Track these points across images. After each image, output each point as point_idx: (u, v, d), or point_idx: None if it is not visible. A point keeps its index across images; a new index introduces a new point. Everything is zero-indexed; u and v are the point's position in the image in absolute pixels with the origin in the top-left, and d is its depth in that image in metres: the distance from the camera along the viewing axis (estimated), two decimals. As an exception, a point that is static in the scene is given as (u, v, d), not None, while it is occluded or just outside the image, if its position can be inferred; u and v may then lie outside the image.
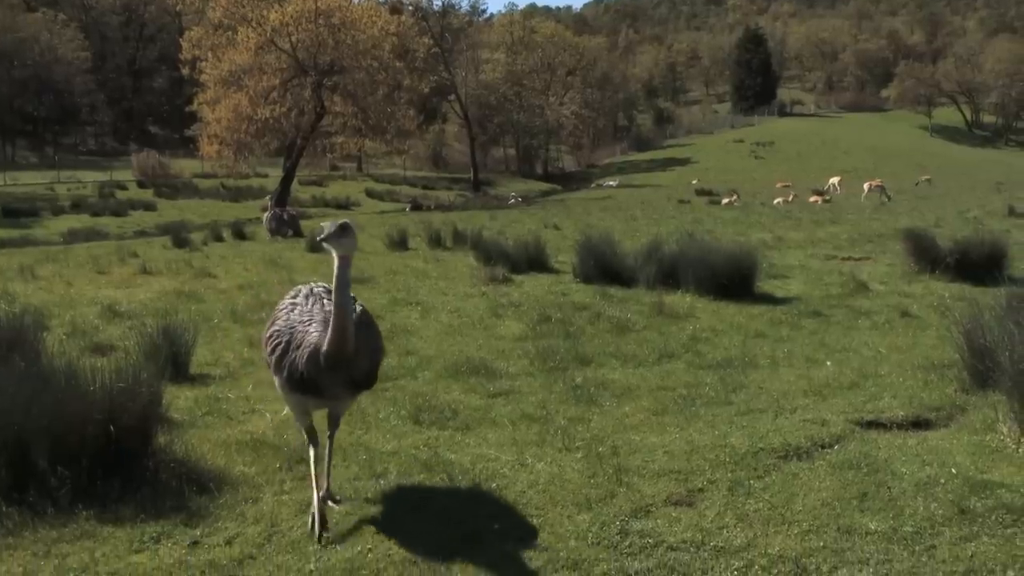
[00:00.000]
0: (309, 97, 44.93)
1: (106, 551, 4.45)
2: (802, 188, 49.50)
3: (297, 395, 4.72)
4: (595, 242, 13.58)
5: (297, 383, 4.60)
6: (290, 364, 4.60)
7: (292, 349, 4.62)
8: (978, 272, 12.30)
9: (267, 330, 4.90)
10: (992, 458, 5.37)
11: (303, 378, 4.55)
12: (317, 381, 4.53)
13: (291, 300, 4.97)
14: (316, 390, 4.61)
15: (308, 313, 4.78)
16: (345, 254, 4.57)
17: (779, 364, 8.14)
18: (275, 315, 4.94)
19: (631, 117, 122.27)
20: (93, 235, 31.22)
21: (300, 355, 4.55)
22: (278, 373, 4.72)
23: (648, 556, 4.30)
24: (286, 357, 4.63)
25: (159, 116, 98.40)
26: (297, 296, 4.99)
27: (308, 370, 4.52)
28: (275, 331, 4.78)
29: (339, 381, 4.58)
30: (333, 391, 4.67)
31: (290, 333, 4.69)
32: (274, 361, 4.73)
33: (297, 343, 4.61)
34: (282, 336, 4.72)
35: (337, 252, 4.54)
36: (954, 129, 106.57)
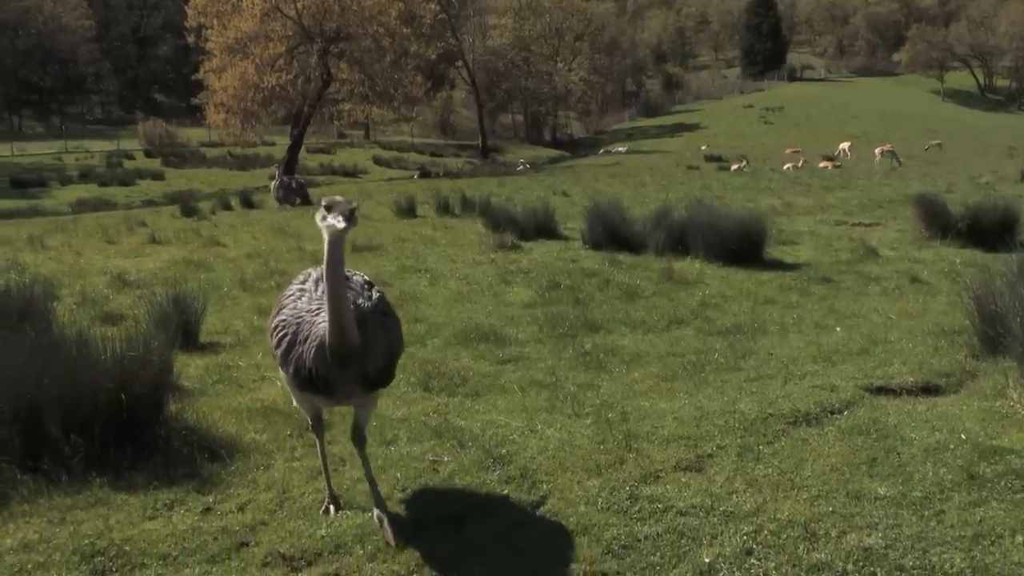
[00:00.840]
0: (315, 64, 44.68)
1: (120, 518, 4.48)
2: (812, 153, 49.20)
3: (307, 393, 4.30)
4: (604, 208, 13.55)
5: (305, 380, 4.14)
6: (297, 359, 4.14)
7: (299, 342, 4.15)
8: (989, 238, 12.26)
9: (272, 318, 4.44)
10: (1002, 424, 5.37)
11: (312, 375, 4.09)
12: (327, 378, 4.07)
13: (299, 286, 4.47)
14: (326, 388, 4.14)
15: (318, 300, 4.26)
16: (335, 237, 4.00)
17: (788, 330, 8.13)
18: (281, 302, 4.45)
19: (640, 83, 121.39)
20: (101, 205, 31.28)
21: (307, 349, 4.09)
22: (284, 367, 4.26)
23: (657, 521, 4.32)
24: (292, 351, 4.18)
25: (165, 84, 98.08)
26: (307, 281, 4.49)
27: (317, 366, 4.05)
28: (281, 321, 4.31)
29: (350, 378, 4.10)
30: (345, 389, 4.18)
31: (297, 324, 4.21)
32: (280, 355, 4.27)
33: (304, 335, 4.14)
34: (288, 327, 4.25)
35: (327, 232, 3.99)
36: (966, 93, 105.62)
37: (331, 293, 3.94)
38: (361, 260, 12.62)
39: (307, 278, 4.51)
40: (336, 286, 3.94)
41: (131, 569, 4.03)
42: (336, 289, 3.94)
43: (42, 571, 4.00)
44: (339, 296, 3.94)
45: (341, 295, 3.95)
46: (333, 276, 3.96)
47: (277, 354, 4.29)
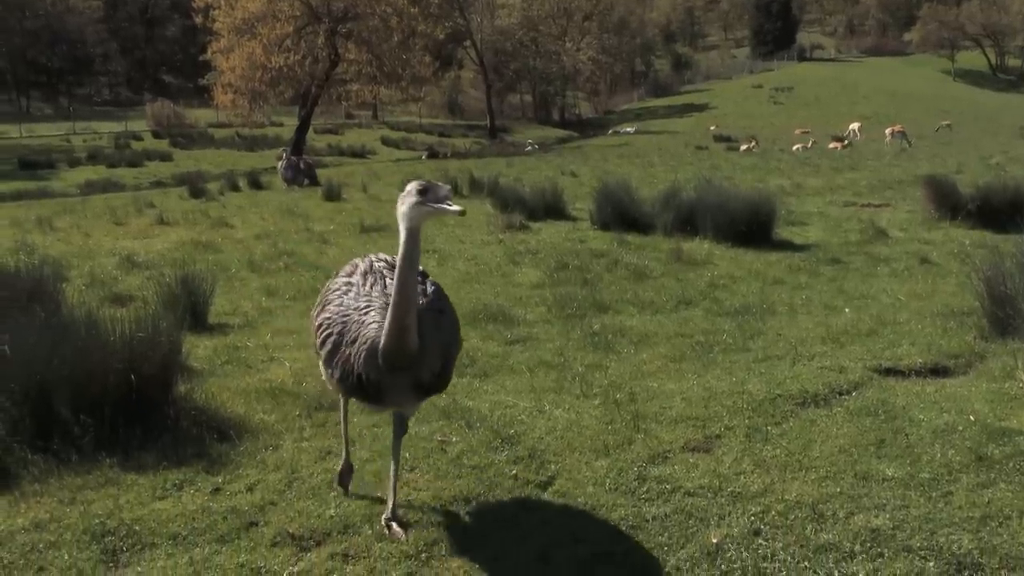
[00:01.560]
0: (323, 44, 44.58)
1: (130, 498, 4.51)
2: (821, 134, 49.04)
3: (354, 400, 4.07)
4: (612, 189, 13.53)
5: (353, 387, 3.82)
6: (343, 362, 3.81)
7: (346, 343, 3.79)
8: (1000, 219, 12.19)
9: (316, 314, 4.13)
10: (1010, 405, 5.36)
11: (361, 381, 3.75)
12: (378, 385, 3.73)
13: (346, 279, 4.11)
14: (376, 396, 3.82)
15: (366, 297, 3.90)
16: (415, 226, 3.65)
17: (797, 311, 8.12)
18: (326, 296, 4.13)
19: (648, 63, 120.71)
20: (110, 186, 31.32)
21: (356, 353, 3.74)
22: (328, 369, 3.96)
23: (665, 502, 4.33)
24: (338, 353, 3.84)
25: (172, 65, 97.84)
26: (353, 273, 4.13)
27: (367, 372, 3.71)
28: (326, 319, 3.98)
29: (403, 386, 3.76)
30: (395, 398, 3.86)
31: (343, 323, 3.86)
32: (324, 355, 3.95)
33: (352, 337, 3.78)
34: (333, 325, 3.91)
35: (407, 224, 3.64)
36: (978, 73, 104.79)
37: (401, 291, 3.57)
38: (369, 241, 12.62)
39: (354, 270, 4.16)
40: (408, 285, 3.57)
41: (141, 549, 4.05)
42: (407, 288, 3.57)
43: (53, 551, 4.02)
44: (409, 296, 3.58)
45: (411, 295, 3.60)
46: (409, 272, 3.58)
47: (321, 354, 4.00)
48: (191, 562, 3.91)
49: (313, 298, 8.90)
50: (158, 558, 3.96)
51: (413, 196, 3.60)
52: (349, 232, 13.58)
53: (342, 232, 13.63)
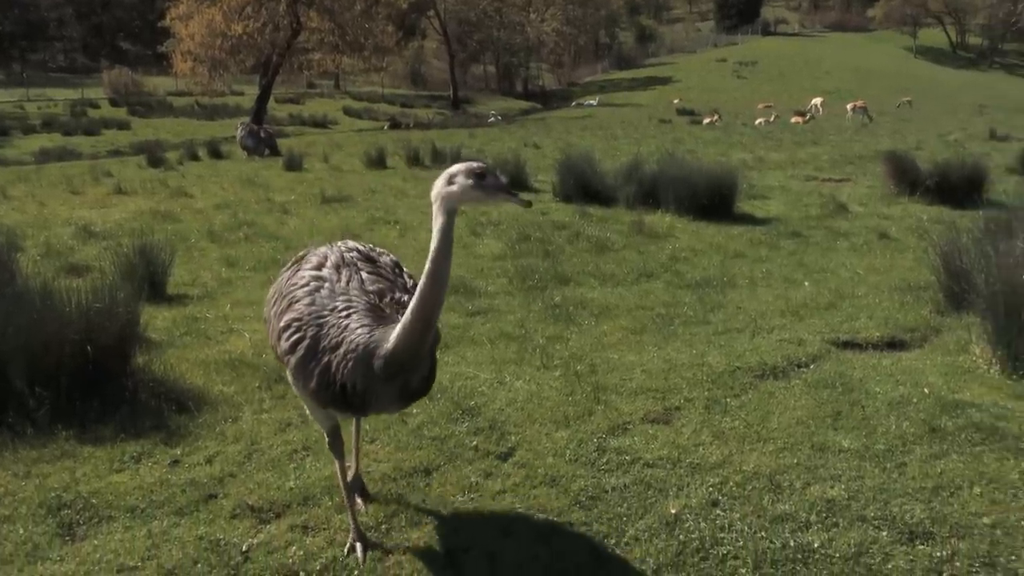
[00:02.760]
0: (284, 12, 43.95)
1: (87, 471, 4.46)
2: (784, 108, 49.29)
3: (331, 410, 3.57)
4: (575, 161, 13.52)
5: (333, 398, 3.37)
6: (322, 372, 3.35)
7: (326, 351, 3.34)
8: (957, 195, 12.39)
9: (278, 311, 3.60)
10: (964, 378, 5.45)
11: (345, 392, 3.32)
12: (365, 395, 3.31)
13: (313, 272, 3.60)
14: (360, 406, 3.39)
15: (344, 296, 3.46)
16: (454, 209, 3.21)
17: (757, 284, 8.18)
18: (291, 291, 3.59)
19: (613, 35, 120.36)
20: (66, 154, 30.70)
21: (342, 362, 3.29)
22: (301, 378, 3.45)
23: (625, 472, 4.36)
24: (314, 361, 3.37)
25: (130, 32, 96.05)
26: (323, 266, 3.63)
27: (356, 382, 3.28)
28: (294, 320, 3.47)
29: (393, 393, 3.34)
30: (380, 406, 3.45)
31: (318, 325, 3.39)
32: (295, 362, 3.44)
33: (333, 343, 3.32)
34: (305, 327, 3.42)
35: (446, 204, 3.18)
36: (939, 51, 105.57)
37: (435, 287, 3.16)
38: (331, 211, 12.53)
39: (323, 262, 3.66)
40: (443, 279, 3.17)
41: (98, 522, 4.02)
42: (442, 282, 3.17)
43: (7, 524, 3.98)
44: (442, 292, 3.19)
45: (444, 290, 3.20)
46: (445, 263, 3.18)
47: (291, 360, 3.46)
48: (149, 535, 3.89)
49: (274, 269, 8.87)
50: (115, 531, 3.94)
51: (469, 178, 3.15)
52: (310, 202, 13.47)
53: (303, 202, 13.52)
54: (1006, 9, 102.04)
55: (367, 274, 3.59)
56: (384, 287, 3.57)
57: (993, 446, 4.49)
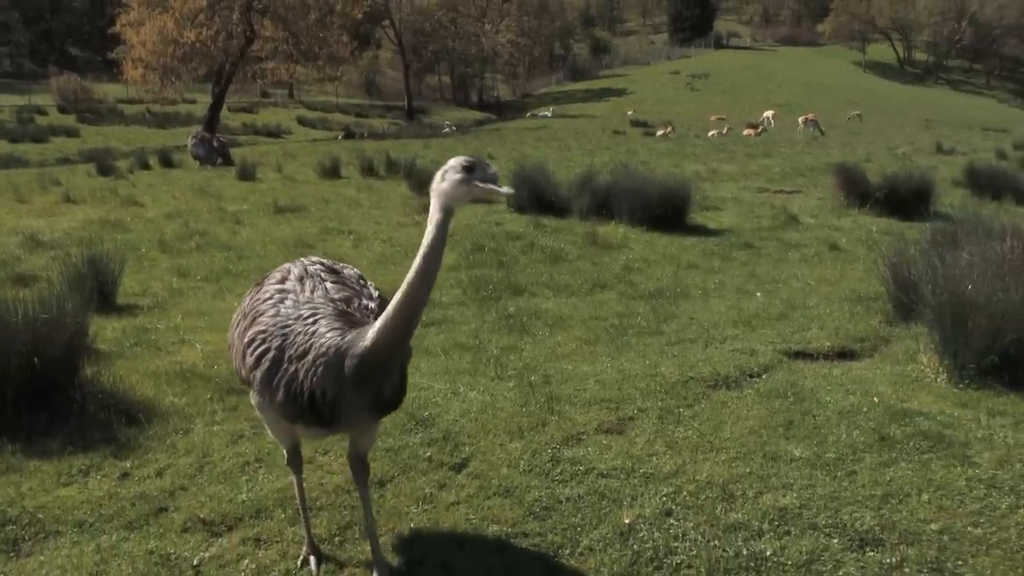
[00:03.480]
0: (238, 20, 43.60)
1: (33, 485, 4.38)
2: (737, 121, 49.86)
3: (298, 426, 3.38)
4: (529, 172, 13.56)
5: (302, 409, 3.21)
6: (288, 382, 3.22)
7: (292, 360, 3.22)
8: (905, 207, 12.63)
9: (242, 329, 3.48)
10: (912, 387, 5.54)
11: (314, 402, 3.18)
12: (335, 403, 3.17)
13: (277, 286, 3.51)
14: (331, 416, 3.22)
15: (308, 304, 3.36)
16: (450, 204, 3.18)
17: (710, 295, 8.25)
18: (254, 306, 3.48)
19: (567, 46, 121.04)
20: (12, 162, 30.14)
21: (311, 369, 3.16)
22: (266, 393, 3.31)
23: (579, 483, 4.37)
24: (279, 371, 3.24)
25: (80, 37, 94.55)
26: (286, 279, 3.55)
27: (326, 389, 3.15)
28: (259, 333, 3.35)
29: (364, 402, 3.22)
30: (353, 418, 3.27)
31: (282, 335, 3.28)
32: (260, 376, 3.30)
33: (300, 351, 3.21)
34: (270, 340, 3.30)
35: (441, 200, 3.18)
36: (886, 66, 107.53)
37: (424, 280, 3.09)
38: (284, 221, 12.44)
39: (286, 275, 3.58)
40: (432, 272, 3.12)
41: (44, 537, 3.94)
42: (431, 275, 3.12)
43: (-50, 538, 3.89)
44: (429, 286, 3.13)
45: (431, 284, 3.14)
46: (436, 258, 3.13)
47: (256, 376, 3.33)
48: (98, 550, 3.82)
49: (227, 279, 8.79)
50: (63, 547, 3.86)
51: (457, 173, 3.14)
52: (263, 212, 13.36)
53: (256, 212, 13.41)
54: (950, 27, 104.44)
55: (331, 284, 3.51)
56: (350, 294, 3.50)
57: (940, 454, 4.56)
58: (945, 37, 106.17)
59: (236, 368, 3.54)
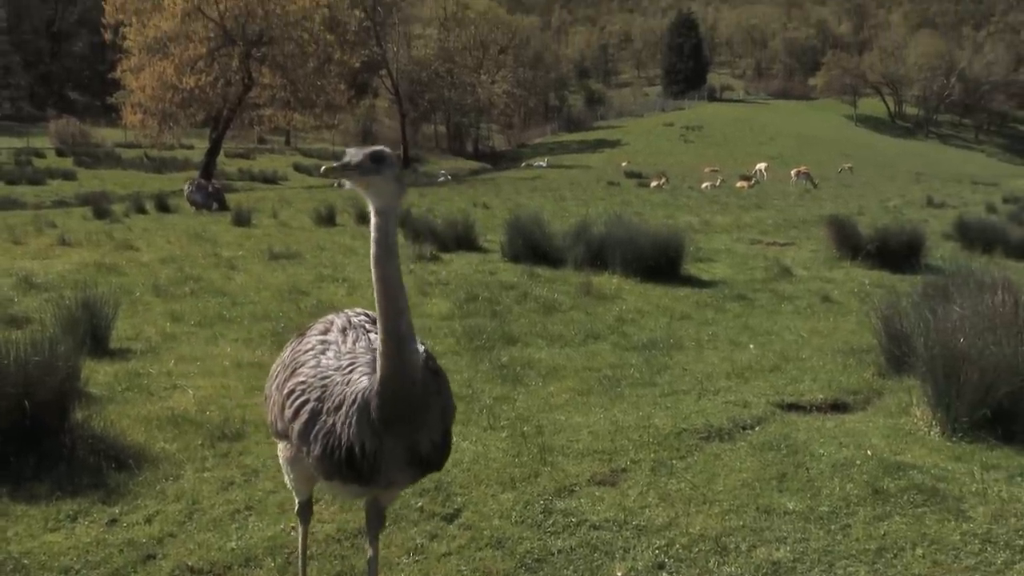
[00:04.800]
0: (237, 68, 43.99)
1: (19, 530, 4.34)
2: (730, 173, 50.23)
3: (335, 483, 3.16)
4: (524, 222, 13.62)
5: (340, 464, 3.00)
6: (326, 435, 3.01)
7: (328, 412, 3.03)
8: (897, 260, 12.70)
9: (281, 380, 3.32)
10: (906, 440, 5.53)
11: (351, 456, 2.96)
12: (375, 459, 2.96)
13: (319, 337, 3.35)
14: (370, 471, 2.99)
15: (350, 354, 3.18)
16: (386, 205, 2.89)
17: (703, 346, 8.26)
18: (295, 358, 3.32)
19: (562, 97, 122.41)
20: (8, 204, 30.18)
21: (345, 420, 2.97)
22: (304, 447, 3.12)
23: (571, 535, 4.34)
24: (317, 424, 3.05)
25: (79, 82, 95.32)
26: (329, 331, 3.38)
27: (364, 441, 2.94)
28: (298, 384, 3.18)
29: (399, 453, 2.99)
30: (390, 473, 3.04)
31: (322, 387, 3.10)
32: (298, 430, 3.12)
33: (336, 402, 3.02)
34: (309, 392, 3.12)
35: (373, 201, 2.89)
36: (878, 119, 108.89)
37: (383, 291, 2.89)
38: (279, 268, 12.45)
39: (329, 327, 3.41)
40: (389, 277, 2.89)
41: (30, 582, 3.90)
42: (389, 282, 2.89)
43: (-66, 584, 3.84)
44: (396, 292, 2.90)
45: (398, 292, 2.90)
46: (386, 260, 2.89)
47: (293, 428, 3.15)
48: (83, 597, 3.77)
49: (220, 325, 8.77)
50: (48, 593, 3.82)
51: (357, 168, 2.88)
52: (258, 258, 13.38)
53: (251, 258, 13.43)
54: (939, 82, 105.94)
55: (375, 335, 3.09)
56: None
57: (934, 507, 4.55)
58: (935, 92, 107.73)
59: (271, 421, 3.39)
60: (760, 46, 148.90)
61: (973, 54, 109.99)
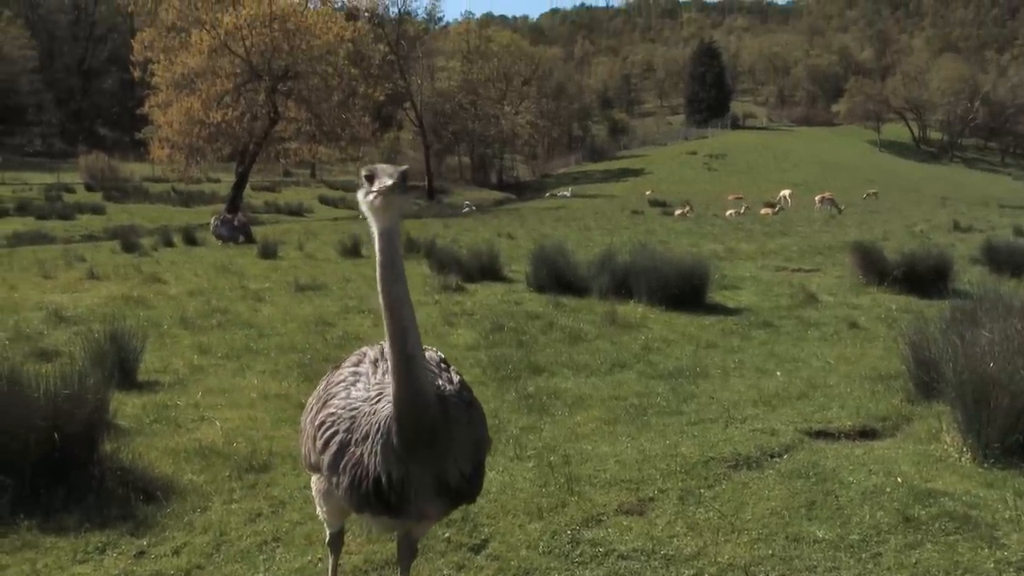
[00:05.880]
0: (263, 102, 44.58)
1: (48, 562, 4.36)
2: (754, 200, 50.13)
3: (366, 516, 3.19)
4: (548, 251, 13.63)
5: (368, 495, 3.01)
6: (354, 466, 3.03)
7: (355, 443, 3.05)
8: (924, 285, 12.58)
9: (315, 411, 3.33)
10: (936, 467, 5.47)
11: (379, 487, 2.97)
12: (402, 489, 2.97)
13: (352, 369, 3.36)
14: (399, 501, 3.00)
15: (378, 385, 3.18)
16: (396, 224, 2.98)
17: (730, 374, 8.21)
18: (328, 390, 3.35)
19: (586, 127, 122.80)
20: (39, 238, 30.58)
21: (371, 449, 2.99)
22: (333, 479, 3.14)
23: (599, 565, 4.31)
24: (346, 455, 3.06)
25: (109, 118, 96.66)
26: (361, 362, 3.39)
27: (391, 471, 2.95)
28: (328, 416, 3.21)
29: (428, 482, 2.99)
30: (420, 504, 3.03)
31: (351, 418, 3.12)
32: (327, 461, 3.15)
33: (364, 432, 3.04)
34: (339, 423, 3.15)
35: (386, 221, 2.95)
36: (902, 145, 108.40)
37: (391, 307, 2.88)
38: (305, 299, 12.52)
39: (362, 359, 3.42)
40: (398, 297, 2.89)
41: (59, 614, 3.91)
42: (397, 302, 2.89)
43: (-35, 617, 3.86)
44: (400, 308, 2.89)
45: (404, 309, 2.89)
46: (391, 279, 2.90)
47: (323, 460, 3.17)
48: (112, 629, 3.78)
49: (247, 357, 8.83)
50: (77, 625, 3.83)
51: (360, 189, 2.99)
52: (284, 290, 13.47)
53: (277, 290, 13.51)
54: (963, 106, 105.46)
55: None
56: None
57: (967, 535, 4.49)
58: (959, 116, 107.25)
59: (304, 453, 3.40)
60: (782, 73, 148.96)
61: (997, 77, 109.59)
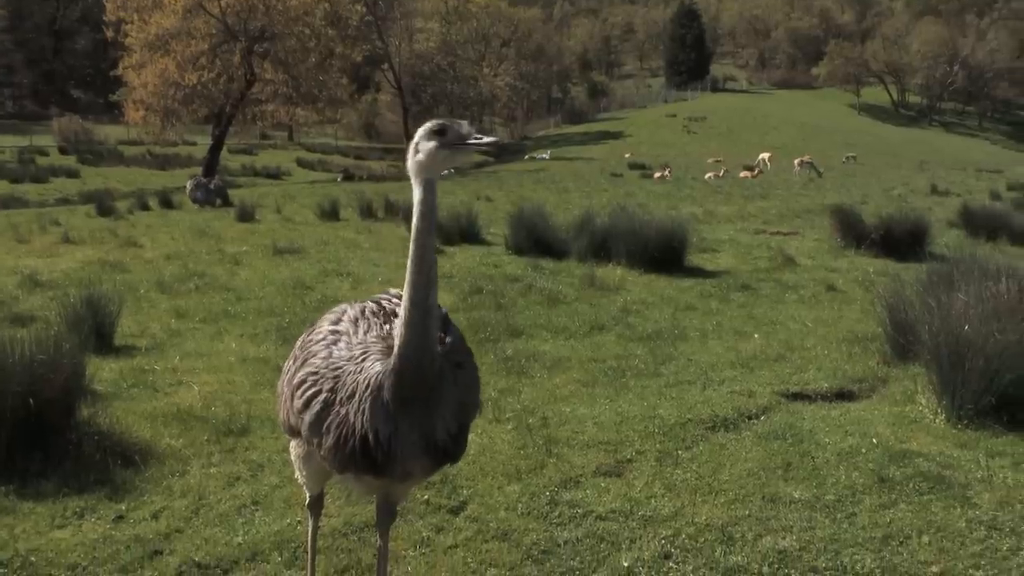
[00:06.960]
0: (239, 63, 43.95)
1: (26, 527, 4.35)
2: (733, 163, 50.09)
3: (348, 476, 3.16)
4: (527, 214, 13.60)
5: (354, 454, 2.97)
6: (339, 425, 2.98)
7: (340, 402, 3.00)
8: (901, 248, 12.68)
9: (293, 371, 3.27)
10: (911, 428, 5.54)
11: (366, 445, 2.93)
12: (389, 446, 2.92)
13: (331, 328, 3.27)
14: (386, 459, 2.95)
15: (361, 344, 3.11)
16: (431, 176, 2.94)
17: (708, 336, 8.25)
18: (307, 348, 3.27)
19: (565, 90, 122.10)
20: (12, 202, 30.21)
21: (358, 408, 2.94)
22: (315, 440, 3.09)
23: (577, 526, 4.35)
24: (330, 414, 3.01)
25: (82, 79, 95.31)
26: (340, 320, 3.30)
27: (378, 428, 2.91)
28: (309, 374, 3.14)
29: (415, 439, 2.96)
30: (406, 462, 2.99)
31: (334, 378, 3.05)
32: (308, 421, 3.08)
33: (349, 391, 2.99)
34: (321, 382, 3.08)
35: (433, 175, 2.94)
36: (881, 108, 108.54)
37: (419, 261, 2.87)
38: (283, 263, 12.46)
39: (341, 316, 3.33)
40: (427, 251, 2.88)
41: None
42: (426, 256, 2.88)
43: (-57, 582, 3.85)
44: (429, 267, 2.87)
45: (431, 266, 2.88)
46: (427, 235, 2.89)
47: (304, 420, 3.10)
48: (91, 592, 3.78)
49: (225, 320, 8.78)
50: (55, 589, 3.83)
51: (431, 140, 2.93)
52: (262, 253, 13.38)
53: (255, 253, 13.43)
54: (942, 70, 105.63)
55: (389, 327, 3.19)
56: None
57: (940, 495, 4.55)
58: (938, 80, 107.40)
59: (283, 418, 3.36)
60: (763, 36, 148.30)
61: (976, 42, 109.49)
